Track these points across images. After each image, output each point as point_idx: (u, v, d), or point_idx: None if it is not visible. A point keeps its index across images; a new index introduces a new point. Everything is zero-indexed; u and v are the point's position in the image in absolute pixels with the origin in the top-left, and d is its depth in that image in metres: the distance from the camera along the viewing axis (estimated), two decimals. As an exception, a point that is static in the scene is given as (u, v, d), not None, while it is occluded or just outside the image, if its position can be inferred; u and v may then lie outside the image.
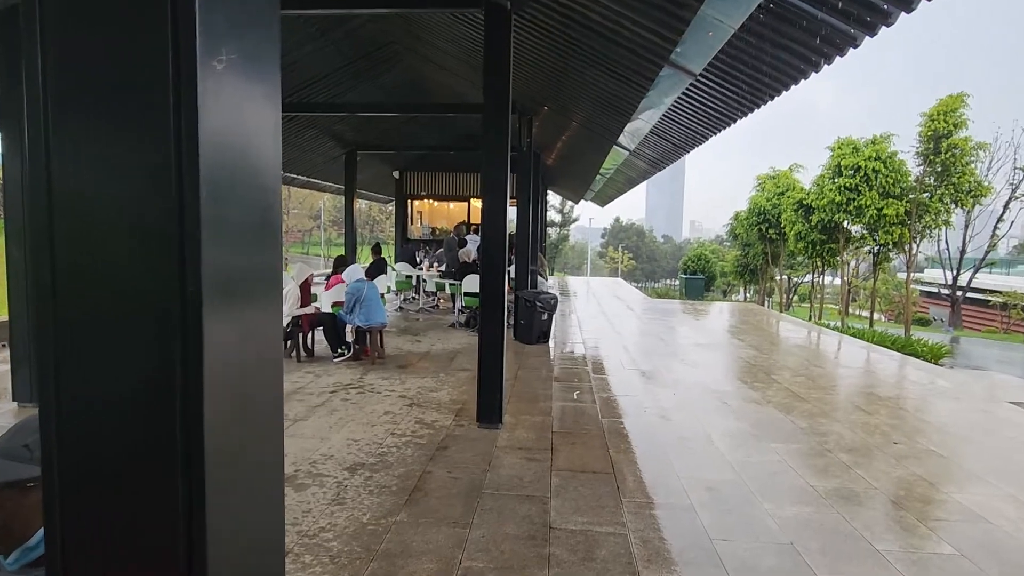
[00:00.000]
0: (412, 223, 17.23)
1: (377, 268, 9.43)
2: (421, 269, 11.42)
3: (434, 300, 11.82)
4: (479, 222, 16.79)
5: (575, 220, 54.59)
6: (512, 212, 8.45)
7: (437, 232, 17.01)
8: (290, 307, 6.47)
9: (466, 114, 8.95)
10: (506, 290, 4.67)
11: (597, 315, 11.53)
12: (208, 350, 0.72)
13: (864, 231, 17.07)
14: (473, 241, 13.20)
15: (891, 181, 16.10)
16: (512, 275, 10.81)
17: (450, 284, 9.87)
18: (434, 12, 6.26)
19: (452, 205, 18.14)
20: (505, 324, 4.65)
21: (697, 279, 23.78)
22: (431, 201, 17.31)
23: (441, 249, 13.04)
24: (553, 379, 6.10)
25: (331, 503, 3.19)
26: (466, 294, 8.92)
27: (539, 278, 10.59)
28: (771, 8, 3.41)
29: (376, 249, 9.83)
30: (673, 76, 4.42)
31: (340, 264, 7.60)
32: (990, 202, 17.31)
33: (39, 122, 0.74)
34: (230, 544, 0.74)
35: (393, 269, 11.26)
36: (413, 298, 12.73)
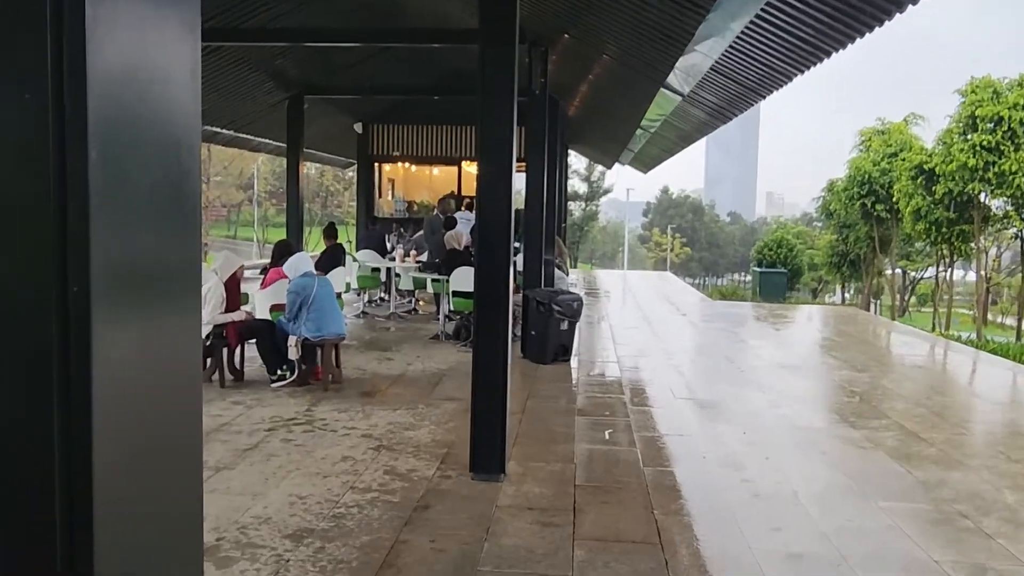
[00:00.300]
0: (381, 195, 17.32)
1: (332, 258, 9.49)
2: (393, 259, 11.53)
3: (411, 302, 11.94)
4: (473, 195, 16.64)
5: (607, 191, 54.99)
6: (520, 181, 8.46)
7: (415, 208, 17.05)
8: (211, 312, 6.51)
9: (455, 44, 8.96)
10: (511, 289, 4.69)
11: (637, 323, 11.61)
12: (98, 372, 0.70)
13: (1008, 207, 16.78)
14: (465, 221, 13.20)
15: (1048, 138, 15.99)
16: (519, 268, 11.01)
17: (433, 280, 9.98)
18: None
19: (436, 171, 18.21)
20: (510, 336, 4.67)
21: (776, 274, 23.65)
22: (406, 165, 17.37)
23: (420, 232, 13.09)
24: (576, 412, 6.14)
25: (268, 584, 3.26)
26: (455, 294, 8.98)
27: (557, 272, 10.63)
28: None
29: (330, 232, 9.88)
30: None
31: (281, 253, 7.66)
32: None
33: None
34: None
35: (354, 259, 11.34)
36: (382, 299, 12.85)
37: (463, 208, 15.19)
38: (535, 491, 4.35)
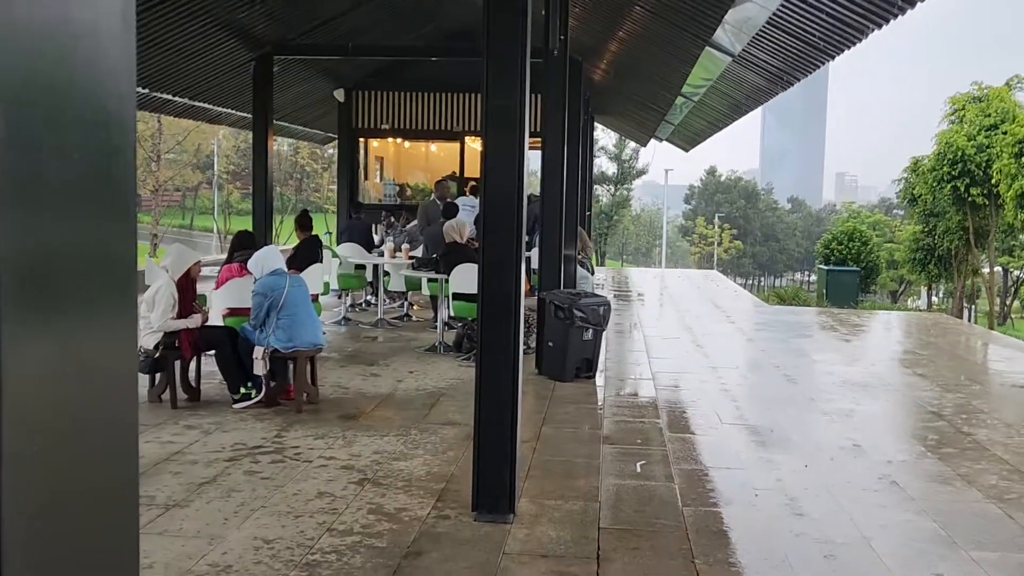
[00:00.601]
0: (367, 177, 17.59)
1: (307, 253, 9.55)
2: (382, 255, 11.60)
3: (403, 307, 12.03)
4: (477, 177, 16.74)
5: (641, 173, 54.99)
6: (534, 159, 8.50)
7: (408, 193, 17.30)
8: (161, 317, 6.55)
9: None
10: (523, 290, 4.70)
11: (677, 333, 11.63)
12: (6, 394, 0.72)
13: None
14: (468, 208, 13.27)
15: None
16: (534, 265, 10.87)
17: (429, 280, 10.03)
18: None
19: (433, 147, 18.56)
20: (521, 348, 4.68)
21: (847, 273, 23.55)
22: (398, 141, 17.66)
23: (414, 222, 13.25)
24: (602, 440, 6.16)
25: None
26: (455, 297, 9.03)
27: (580, 271, 10.65)
28: None
29: (304, 221, 9.97)
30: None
31: (240, 245, 7.72)
32: None
33: None
34: None
35: (334, 255, 11.39)
36: (367, 303, 13.04)
37: (466, 192, 15.27)
38: (550, 535, 4.35)
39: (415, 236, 11.93)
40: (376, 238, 13.68)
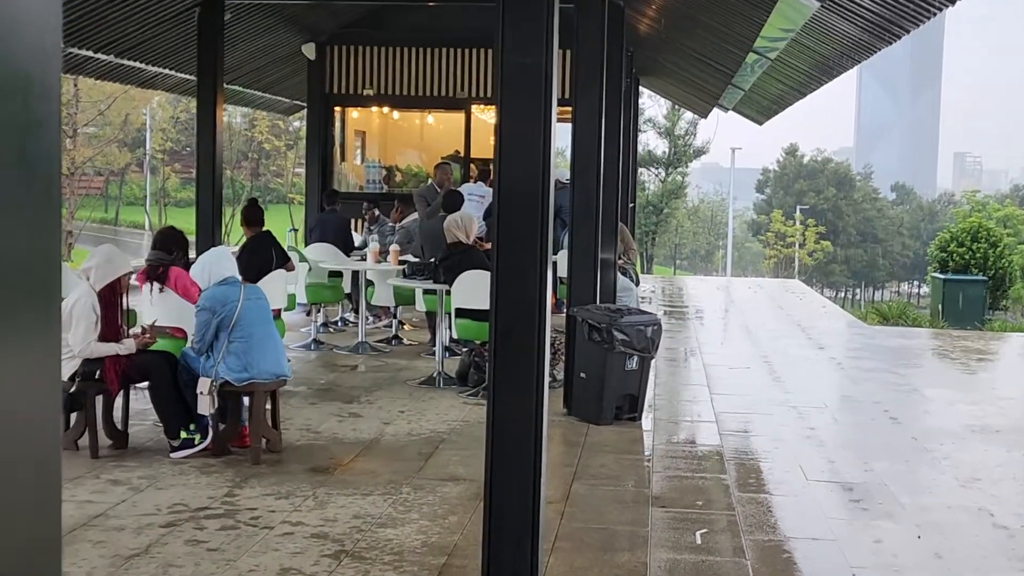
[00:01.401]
0: (344, 158, 17.70)
1: (262, 254, 9.60)
2: (364, 258, 11.66)
3: (391, 325, 12.13)
4: (489, 158, 16.69)
5: (700, 153, 54.98)
6: (563, 135, 8.48)
7: (398, 178, 17.50)
8: (81, 340, 6.59)
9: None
10: (549, 305, 4.70)
11: (748, 361, 11.67)
12: None
13: None
14: (476, 199, 13.28)
15: None
16: (560, 273, 10.96)
17: (426, 292, 10.03)
18: None
19: (431, 119, 18.65)
20: (546, 380, 4.67)
21: (970, 284, 23.44)
22: (384, 110, 17.82)
23: (411, 216, 13.33)
24: (651, 500, 6.17)
25: None
26: (460, 314, 9.07)
27: (621, 280, 10.65)
28: None
29: (252, 214, 10.06)
30: None
31: (165, 244, 7.78)
32: None
33: None
34: None
35: (302, 258, 11.44)
36: (345, 321, 13.18)
37: (473, 179, 15.31)
38: (585, 627, 4.35)
39: (409, 234, 11.98)
40: (357, 237, 13.70)
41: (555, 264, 10.92)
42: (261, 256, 9.55)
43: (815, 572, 5.11)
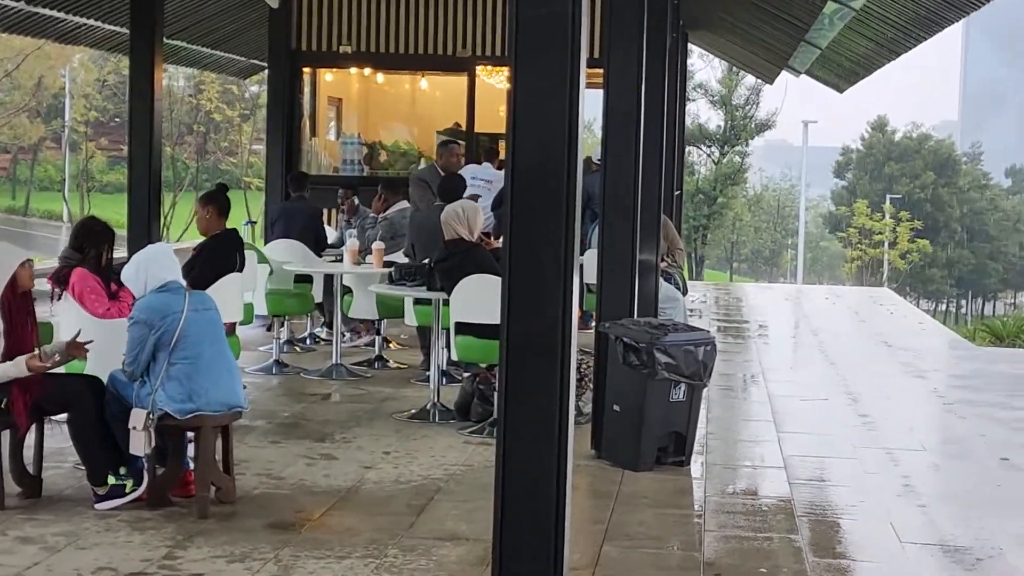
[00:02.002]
0: (315, 132, 17.81)
1: (224, 258, 9.54)
2: (339, 259, 11.68)
3: (373, 343, 12.16)
4: (497, 133, 16.48)
5: (764, 128, 54.61)
6: (593, 103, 8.41)
7: (382, 158, 17.55)
8: (-18, 359, 6.57)
9: None
10: (575, 318, 4.67)
11: (825, 390, 11.65)
12: None
13: None
14: (481, 184, 13.17)
15: None
16: (588, 279, 10.92)
17: (417, 302, 10.07)
18: None
19: (424, 83, 18.71)
20: (570, 413, 4.64)
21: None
22: (366, 73, 17.99)
23: (398, 205, 13.33)
24: (702, 566, 6.15)
25: None
26: (461, 328, 9.08)
27: (664, 287, 10.62)
28: None
29: (216, 200, 9.93)
30: None
31: (86, 237, 7.77)
32: None
33: None
34: None
35: (262, 259, 11.43)
36: (316, 338, 13.24)
37: (483, 160, 15.18)
38: None
39: (395, 228, 11.96)
40: (330, 232, 13.67)
41: (582, 267, 10.87)
42: (222, 260, 9.43)
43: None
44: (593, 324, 9.13)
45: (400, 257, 11.14)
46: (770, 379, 12.05)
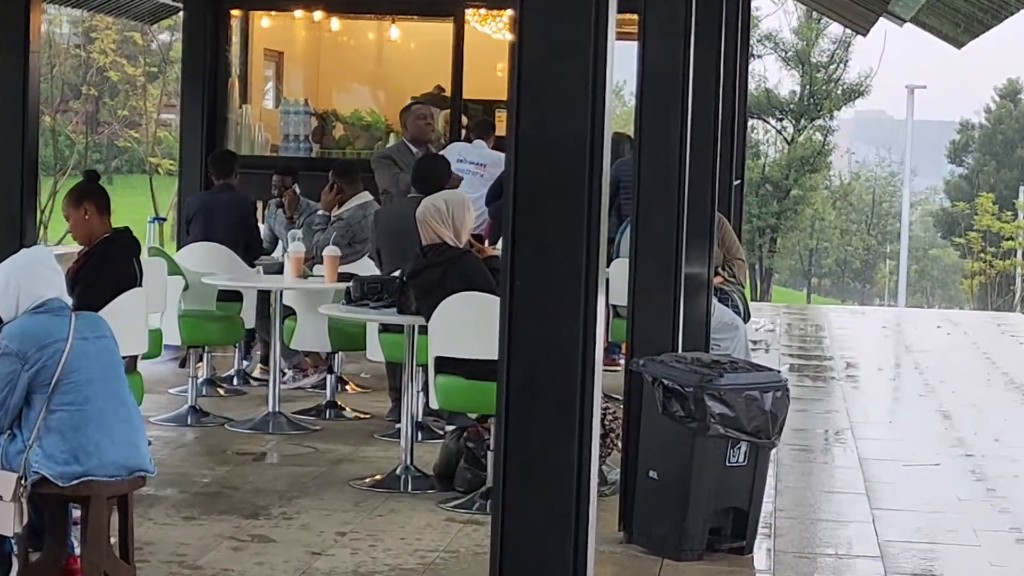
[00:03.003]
0: (247, 98, 18.00)
1: (119, 270, 9.48)
2: (278, 268, 11.73)
3: (321, 381, 12.27)
4: (497, 100, 16.51)
5: (854, 95, 54.21)
6: (625, 61, 8.34)
7: (338, 132, 17.73)
8: None
9: None
10: (599, 353, 4.66)
11: (935, 450, 11.64)
12: None
13: None
14: (471, 169, 13.14)
15: None
16: (615, 299, 10.99)
17: (383, 329, 10.17)
18: None
19: (394, 30, 18.63)
20: (591, 480, 4.64)
21: None
22: (316, 16, 17.94)
23: (357, 199, 13.18)
24: None
25: None
26: (443, 365, 9.08)
27: (719, 309, 10.62)
28: None
29: (103, 197, 9.87)
30: None
31: None
32: None
33: None
34: None
35: (174, 270, 11.41)
36: (244, 378, 13.29)
37: (466, 134, 15.17)
38: None
39: (353, 229, 11.95)
40: (264, 230, 13.65)
41: (607, 283, 10.83)
42: (118, 271, 9.40)
43: None
44: (622, 360, 9.13)
45: (362, 268, 11.14)
46: (862, 436, 12.04)
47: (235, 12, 16.71)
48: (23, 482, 6.58)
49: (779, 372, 8.78)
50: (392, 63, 18.29)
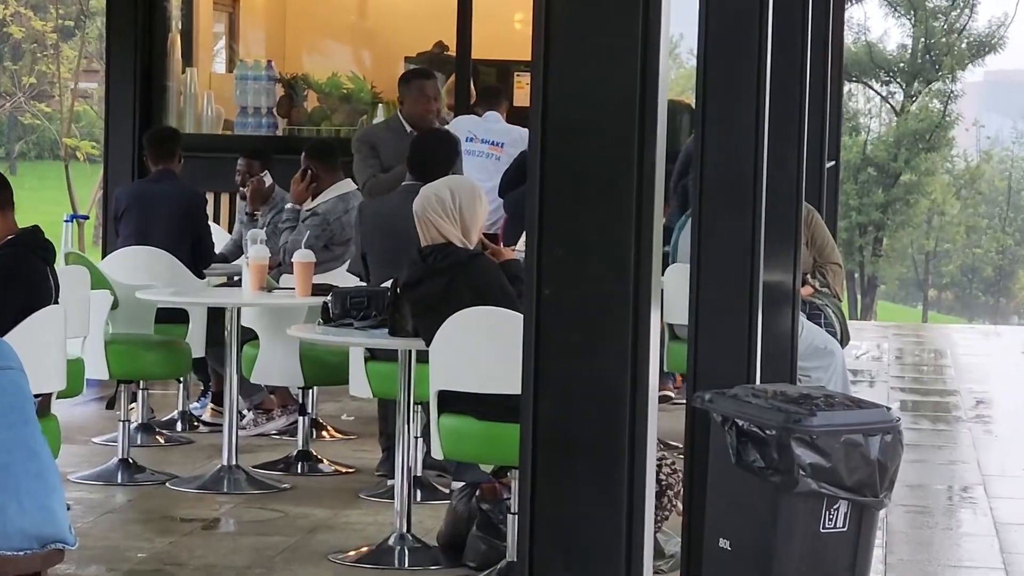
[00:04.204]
0: (191, 61, 18.10)
1: (27, 284, 9.50)
2: (234, 279, 11.82)
3: (291, 426, 12.35)
4: (516, 61, 16.73)
5: (984, 50, 53.82)
6: (680, 13, 8.33)
7: (310, 103, 17.96)
8: None
9: None
10: (653, 385, 4.67)
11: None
12: None
13: None
14: (480, 152, 13.13)
15: None
16: (672, 317, 11.07)
17: (372, 358, 10.21)
18: None
19: None
20: (645, 551, 4.65)
21: None
22: None
23: (340, 188, 13.14)
24: None
25: None
26: (448, 403, 9.04)
27: (809, 328, 10.62)
28: None
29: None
30: None
31: None
32: None
33: None
34: None
35: (99, 281, 11.44)
36: (191, 422, 13.36)
37: (477, 109, 15.17)
38: None
39: (340, 225, 12.01)
40: (219, 234, 13.69)
41: (662, 295, 10.82)
42: (25, 284, 9.45)
43: None
44: (676, 387, 9.12)
45: (342, 277, 11.17)
46: (997, 495, 12.04)
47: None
48: None
49: (888, 410, 8.76)
50: (380, 13, 18.38)
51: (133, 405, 11.86)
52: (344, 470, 11.60)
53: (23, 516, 6.74)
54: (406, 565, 9.22)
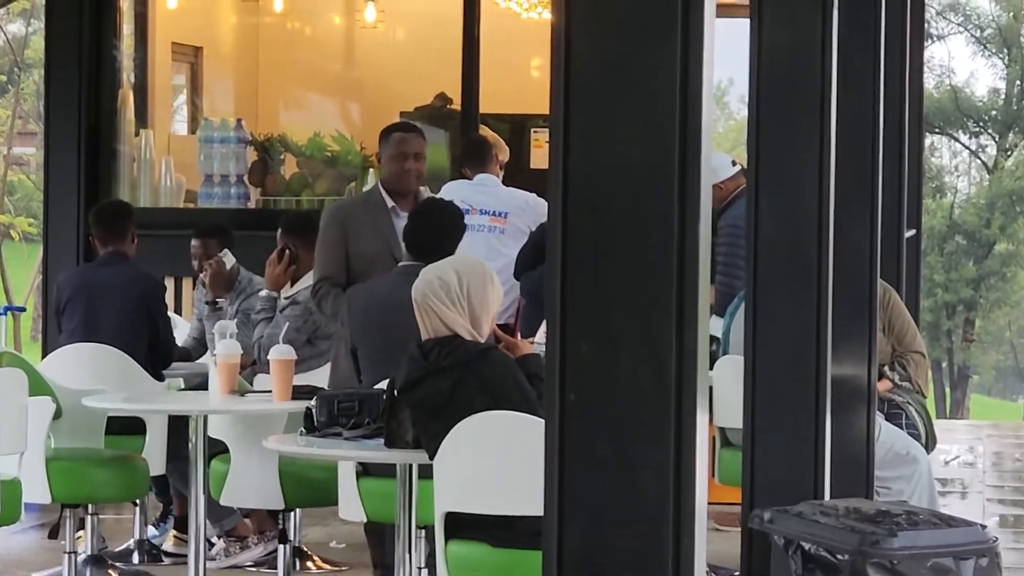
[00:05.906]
0: (146, 122, 18.20)
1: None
2: (199, 383, 11.84)
3: (268, 556, 12.46)
4: (530, 115, 16.99)
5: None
6: (728, 49, 8.32)
7: (288, 169, 18.06)
8: None
9: None
10: (701, 502, 4.65)
11: None
12: None
13: None
14: (482, 227, 13.16)
15: None
16: (721, 420, 11.11)
17: (364, 473, 10.17)
18: None
19: (370, 11, 18.84)
20: None
21: None
22: None
23: (304, 283, 13.14)
24: None
25: None
26: (455, 526, 9.01)
27: (884, 428, 10.63)
28: None
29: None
30: None
31: None
32: None
33: None
34: None
35: (38, 387, 11.46)
36: (150, 551, 13.35)
37: (465, 170, 15.25)
38: None
39: (323, 316, 12.03)
40: (181, 326, 13.73)
41: (711, 393, 10.83)
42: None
43: None
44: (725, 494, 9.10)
45: (313, 379, 11.17)
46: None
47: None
48: None
49: (983, 528, 8.75)
50: (370, 62, 18.44)
51: (80, 533, 11.85)
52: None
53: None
54: None
